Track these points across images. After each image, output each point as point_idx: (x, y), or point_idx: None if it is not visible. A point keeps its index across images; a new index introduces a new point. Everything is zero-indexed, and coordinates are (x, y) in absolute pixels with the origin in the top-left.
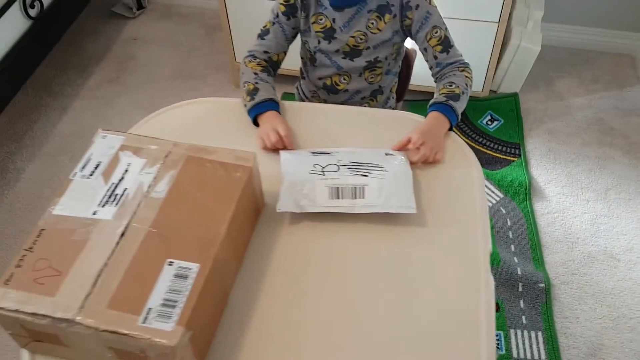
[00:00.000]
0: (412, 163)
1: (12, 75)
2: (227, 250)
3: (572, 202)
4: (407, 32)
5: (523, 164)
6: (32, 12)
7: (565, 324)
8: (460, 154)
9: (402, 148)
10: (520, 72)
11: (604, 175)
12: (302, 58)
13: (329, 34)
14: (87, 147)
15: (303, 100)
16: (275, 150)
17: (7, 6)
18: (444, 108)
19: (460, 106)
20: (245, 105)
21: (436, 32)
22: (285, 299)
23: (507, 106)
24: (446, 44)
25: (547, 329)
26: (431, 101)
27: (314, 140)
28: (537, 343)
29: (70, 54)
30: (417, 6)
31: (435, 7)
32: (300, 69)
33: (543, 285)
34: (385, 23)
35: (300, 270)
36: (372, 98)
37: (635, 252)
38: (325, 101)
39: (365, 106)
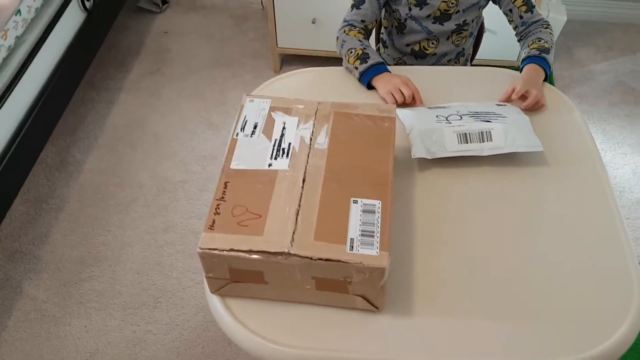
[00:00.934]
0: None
1: (73, 69)
2: (392, 189)
3: (611, 156)
4: None
5: None
6: (87, 4)
7: None
8: (559, 101)
9: (508, 98)
10: None
11: (635, 130)
12: (385, 28)
13: (421, 0)
14: (237, 111)
15: None
16: (405, 104)
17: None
18: (539, 60)
19: (550, 59)
20: (355, 69)
21: None
22: (433, 238)
23: None
24: (529, 4)
25: None
26: (524, 55)
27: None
28: None
29: (105, 49)
30: None
31: None
32: (381, 39)
33: None
34: None
35: (440, 212)
36: (456, 60)
37: None
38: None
39: None
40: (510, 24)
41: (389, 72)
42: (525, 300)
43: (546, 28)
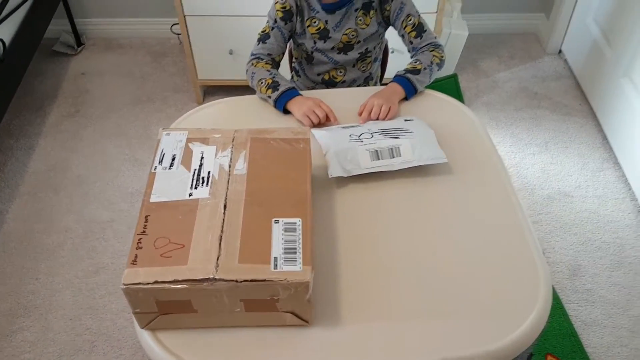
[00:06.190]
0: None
1: None
2: (311, 206)
3: (520, 157)
4: (386, 21)
5: None
6: None
7: (546, 255)
8: (461, 113)
9: (362, 111)
10: (453, 56)
11: (540, 131)
12: (296, 59)
13: (323, 34)
14: (155, 146)
15: None
16: (319, 125)
17: None
18: (400, 79)
19: (419, 79)
20: (269, 97)
21: (410, 20)
22: (355, 249)
23: (448, 86)
24: (419, 29)
25: None
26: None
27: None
28: None
29: (21, 95)
30: None
31: None
32: (293, 67)
33: None
34: (370, 18)
35: (360, 224)
36: (366, 84)
37: (583, 188)
38: None
39: None
40: (405, 47)
41: (301, 95)
42: (442, 299)
43: (432, 51)
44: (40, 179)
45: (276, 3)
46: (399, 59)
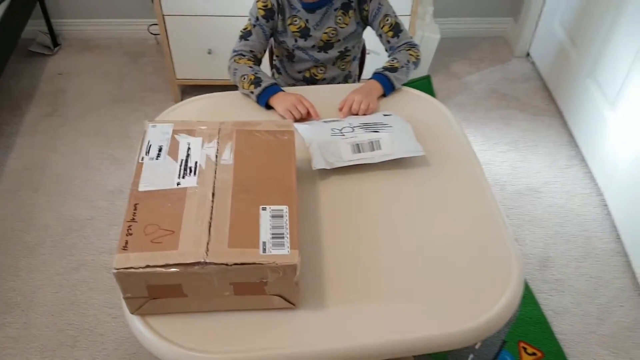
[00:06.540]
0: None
1: None
2: (297, 194)
3: (491, 155)
4: (365, 21)
5: None
6: None
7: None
8: (436, 109)
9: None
10: (426, 58)
11: (510, 130)
12: (277, 57)
13: (304, 32)
14: (141, 137)
15: None
16: (301, 120)
17: None
18: (378, 76)
19: (397, 77)
20: (251, 93)
21: (387, 20)
22: (338, 236)
23: (422, 87)
24: (396, 29)
25: None
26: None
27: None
28: None
29: None
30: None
31: None
32: (275, 66)
33: None
34: (349, 18)
35: (343, 212)
36: (345, 82)
37: (551, 184)
38: None
39: None
40: (383, 46)
41: (284, 91)
42: (421, 281)
43: (408, 50)
44: (19, 178)
45: (258, 1)
46: (375, 60)
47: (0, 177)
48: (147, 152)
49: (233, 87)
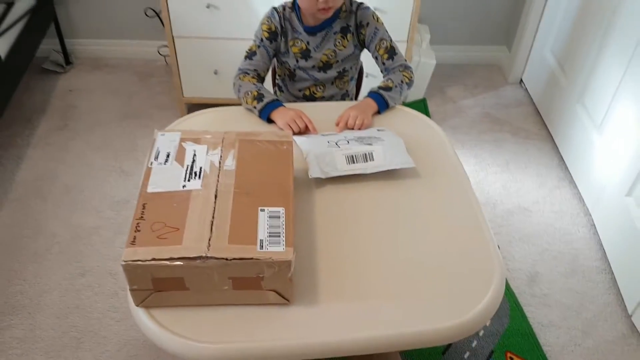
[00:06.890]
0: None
1: None
2: (293, 198)
3: (483, 175)
4: (362, 44)
5: None
6: None
7: (506, 263)
8: (427, 127)
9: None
10: (422, 82)
11: (502, 153)
12: (279, 76)
13: (305, 53)
14: (149, 146)
15: None
16: (300, 134)
17: None
18: (374, 94)
19: (390, 96)
20: (254, 107)
21: (383, 43)
22: (332, 240)
23: (417, 109)
24: (391, 52)
25: None
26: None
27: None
28: None
29: (11, 109)
30: (368, 24)
31: (382, 23)
32: (277, 84)
33: None
34: (347, 41)
35: (336, 219)
36: (342, 100)
37: (540, 204)
38: None
39: None
40: (379, 68)
41: (284, 106)
42: (409, 283)
43: (402, 71)
44: (29, 188)
45: (262, 24)
46: (373, 83)
47: (11, 187)
48: (156, 158)
49: (237, 105)
